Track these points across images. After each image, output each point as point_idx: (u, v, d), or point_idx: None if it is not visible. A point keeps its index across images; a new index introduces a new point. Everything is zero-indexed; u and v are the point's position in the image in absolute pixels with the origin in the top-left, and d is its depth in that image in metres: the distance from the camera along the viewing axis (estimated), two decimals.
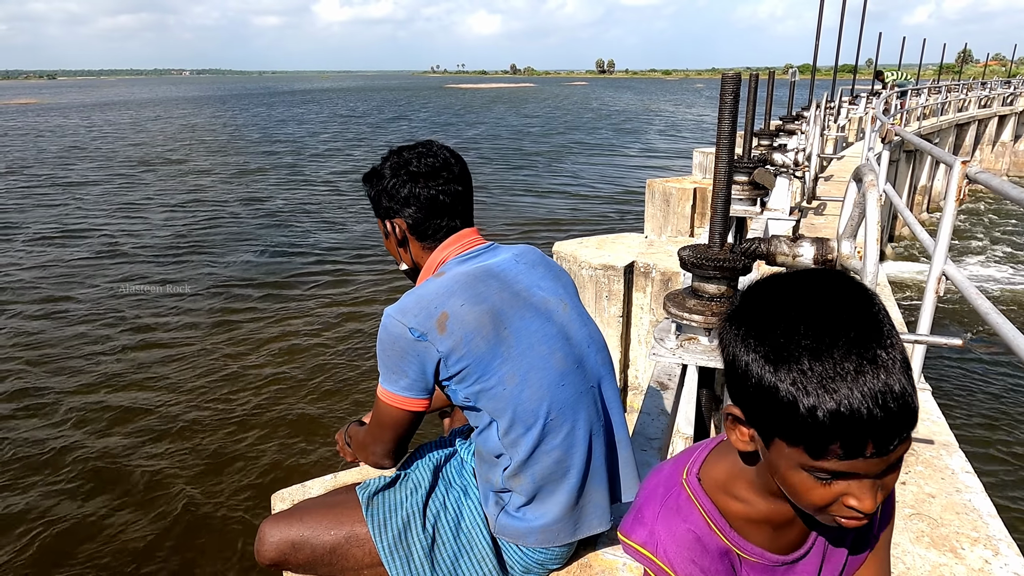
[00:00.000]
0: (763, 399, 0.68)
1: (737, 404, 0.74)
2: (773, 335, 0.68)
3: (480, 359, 1.32)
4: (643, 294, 5.37)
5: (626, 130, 34.85)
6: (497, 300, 1.36)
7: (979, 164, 18.86)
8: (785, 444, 0.69)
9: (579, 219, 13.70)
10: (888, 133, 3.96)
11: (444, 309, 1.32)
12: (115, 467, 5.08)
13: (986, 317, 2.00)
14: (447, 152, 1.49)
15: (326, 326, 7.87)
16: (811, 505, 0.71)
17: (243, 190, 16.83)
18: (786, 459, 0.69)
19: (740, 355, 0.70)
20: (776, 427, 0.68)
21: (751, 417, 0.72)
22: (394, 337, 1.32)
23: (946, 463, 2.14)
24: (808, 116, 8.56)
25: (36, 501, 4.67)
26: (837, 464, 0.66)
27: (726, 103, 1.96)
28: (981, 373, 7.00)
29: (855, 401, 0.62)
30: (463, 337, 1.31)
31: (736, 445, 0.77)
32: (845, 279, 0.71)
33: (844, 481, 0.68)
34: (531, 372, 1.35)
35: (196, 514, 4.56)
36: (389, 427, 1.41)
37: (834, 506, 0.70)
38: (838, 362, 0.64)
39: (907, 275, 10.42)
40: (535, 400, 1.35)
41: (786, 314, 0.68)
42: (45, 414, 5.85)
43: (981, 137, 20.31)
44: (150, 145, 27.56)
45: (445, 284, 1.36)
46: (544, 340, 1.38)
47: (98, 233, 12.21)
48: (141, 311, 8.30)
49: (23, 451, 5.26)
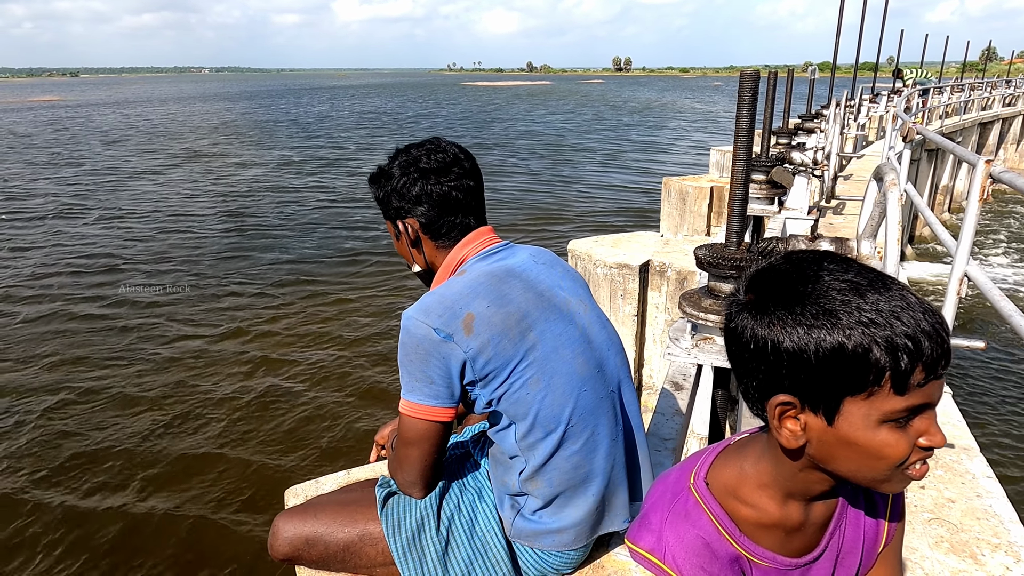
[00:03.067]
0: (828, 365, 0.67)
1: (788, 391, 0.72)
2: (811, 301, 0.68)
3: (507, 362, 1.28)
4: (658, 293, 5.34)
5: (651, 126, 34.70)
6: (522, 301, 1.32)
7: (1003, 163, 18.56)
8: (861, 400, 0.68)
9: (594, 215, 13.66)
10: (910, 131, 3.91)
11: (469, 310, 1.27)
12: (129, 459, 5.15)
13: (1009, 319, 1.96)
14: (456, 148, 1.45)
15: (351, 321, 7.91)
16: (893, 462, 0.71)
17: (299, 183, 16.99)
18: (863, 420, 0.69)
19: (783, 337, 0.69)
20: (849, 386, 0.68)
21: (810, 396, 0.70)
22: (418, 339, 1.26)
23: (967, 467, 2.11)
24: (827, 114, 8.46)
25: (44, 496, 4.74)
26: (917, 396, 0.67)
27: (744, 101, 1.93)
28: (1003, 376, 6.88)
29: (920, 321, 0.66)
30: (490, 339, 1.26)
31: (787, 442, 0.74)
32: (827, 251, 0.75)
33: (918, 419, 0.69)
34: (556, 377, 1.31)
35: (209, 507, 4.61)
36: (415, 444, 1.33)
37: (910, 456, 0.71)
38: (883, 297, 0.67)
39: (928, 276, 10.27)
40: (558, 406, 1.31)
41: (808, 279, 0.70)
42: (66, 405, 5.94)
43: (1005, 136, 19.96)
44: (196, 137, 28.02)
45: (469, 284, 1.32)
46: (568, 344, 1.34)
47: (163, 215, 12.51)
48: (156, 305, 8.41)
49: (35, 446, 5.35)
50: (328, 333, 7.58)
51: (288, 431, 5.57)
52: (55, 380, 6.42)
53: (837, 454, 0.72)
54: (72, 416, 5.78)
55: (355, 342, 7.35)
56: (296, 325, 7.82)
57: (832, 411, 0.70)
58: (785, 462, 0.78)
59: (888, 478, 0.72)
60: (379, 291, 9.05)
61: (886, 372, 0.66)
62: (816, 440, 0.73)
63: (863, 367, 0.66)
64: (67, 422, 5.69)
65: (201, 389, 6.25)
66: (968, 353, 7.16)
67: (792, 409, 0.72)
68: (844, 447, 0.71)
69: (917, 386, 0.66)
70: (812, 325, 0.67)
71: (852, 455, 0.71)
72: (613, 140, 28.75)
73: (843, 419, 0.70)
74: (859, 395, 0.68)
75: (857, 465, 0.72)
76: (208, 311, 8.25)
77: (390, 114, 46.32)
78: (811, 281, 0.70)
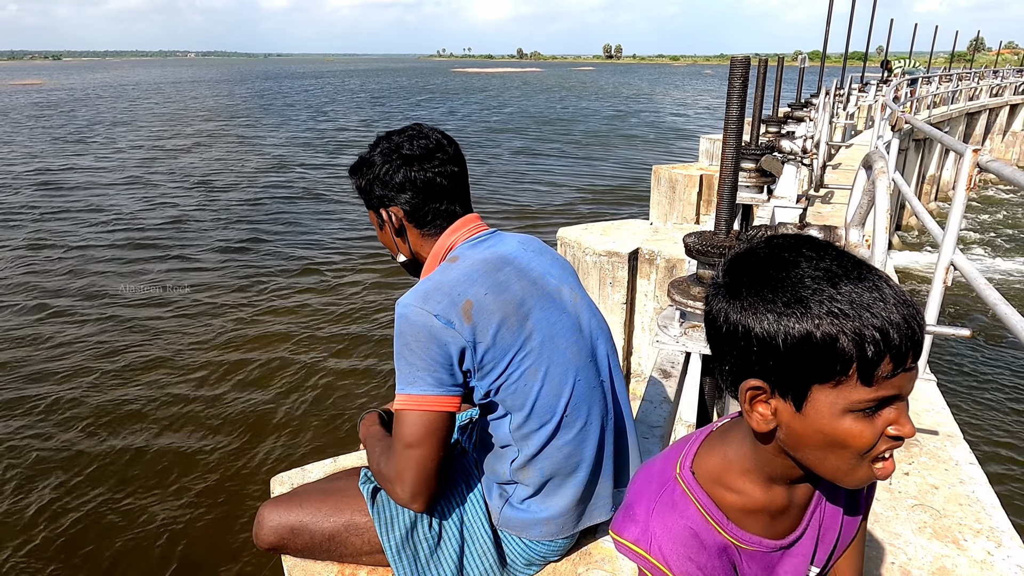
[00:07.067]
0: (796, 353, 0.67)
1: (758, 376, 0.72)
2: (783, 288, 0.68)
3: (506, 351, 1.26)
4: (647, 281, 5.35)
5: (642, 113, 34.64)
6: (518, 289, 1.31)
7: (990, 153, 18.66)
8: (829, 389, 0.68)
9: (585, 204, 13.64)
10: (899, 121, 3.92)
11: (468, 297, 1.25)
12: (113, 451, 5.10)
13: (995, 308, 1.97)
14: (439, 134, 1.42)
15: (338, 311, 7.87)
16: (858, 453, 0.71)
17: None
18: (829, 408, 0.69)
19: (754, 323, 0.69)
20: (816, 374, 0.68)
21: (780, 382, 0.71)
22: (417, 327, 1.22)
23: (950, 454, 2.13)
24: (817, 103, 8.47)
25: (38, 492, 4.70)
26: (885, 388, 0.67)
27: (734, 87, 1.92)
28: (987, 364, 6.97)
29: (892, 313, 0.65)
30: (489, 328, 1.24)
31: (757, 426, 0.75)
32: (809, 236, 0.74)
33: (887, 409, 0.69)
34: (552, 366, 1.30)
35: (194, 496, 4.58)
36: (417, 444, 1.24)
37: (877, 445, 0.70)
38: (856, 286, 0.66)
39: (914, 265, 10.36)
40: (554, 395, 1.31)
41: (784, 265, 0.70)
42: (50, 401, 5.88)
43: (992, 126, 20.10)
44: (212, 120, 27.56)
45: (465, 271, 1.29)
46: (563, 332, 1.33)
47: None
48: (143, 293, 8.33)
49: (24, 441, 5.30)
50: (316, 322, 7.54)
51: (275, 419, 5.54)
52: (29, 375, 6.36)
53: (804, 441, 0.72)
54: (54, 413, 5.73)
55: (343, 331, 7.32)
56: (282, 314, 7.78)
57: (800, 398, 0.70)
58: (760, 447, 0.79)
59: (852, 470, 0.72)
60: (368, 280, 9.01)
61: (852, 363, 0.65)
62: (785, 425, 0.73)
63: (830, 356, 0.66)
64: (48, 419, 5.63)
65: (185, 378, 6.21)
66: (954, 341, 7.24)
67: (762, 394, 0.73)
68: (811, 434, 0.71)
69: (885, 377, 0.66)
70: (782, 313, 0.67)
71: (818, 442, 0.72)
72: (603, 127, 28.69)
73: (811, 406, 0.70)
74: (827, 383, 0.68)
75: (823, 453, 0.72)
76: (194, 301, 8.19)
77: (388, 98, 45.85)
78: (787, 267, 0.69)
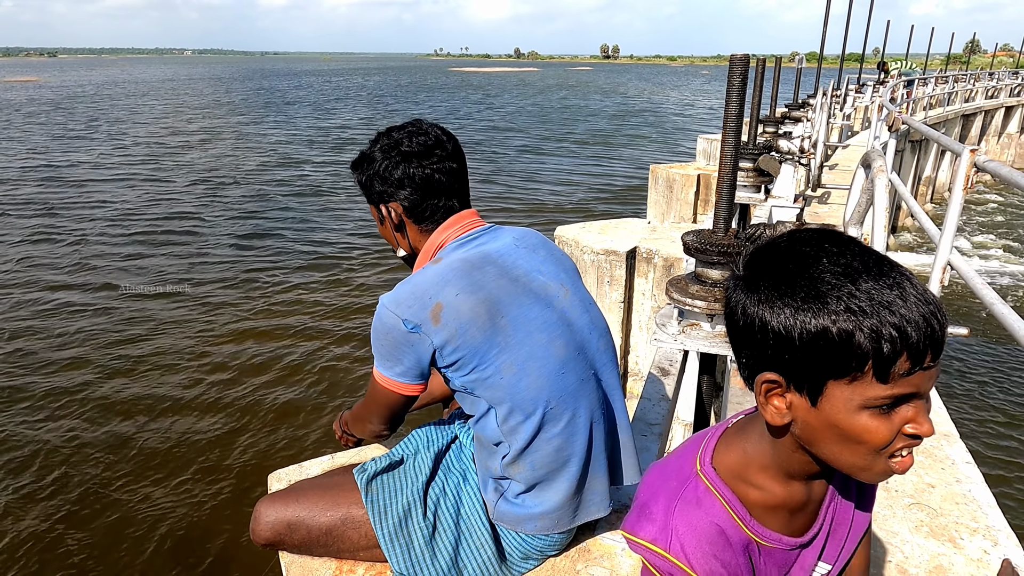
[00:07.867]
0: (811, 348, 0.67)
1: (774, 370, 0.71)
2: (802, 281, 0.67)
3: (476, 350, 1.29)
4: (645, 280, 5.35)
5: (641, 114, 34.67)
6: (494, 288, 1.32)
7: (986, 154, 18.70)
8: (844, 384, 0.67)
9: (583, 203, 13.65)
10: (895, 121, 3.93)
11: (439, 299, 1.28)
12: (109, 446, 5.09)
13: (991, 308, 1.97)
14: (438, 130, 1.44)
15: (338, 307, 7.87)
16: (874, 449, 0.70)
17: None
18: (844, 404, 0.68)
19: (771, 316, 0.68)
20: (831, 370, 0.67)
21: (795, 376, 0.70)
22: (388, 328, 1.31)
23: (947, 453, 2.13)
24: (815, 103, 8.49)
25: (29, 489, 4.69)
26: (902, 385, 0.66)
27: (734, 85, 1.92)
28: (984, 363, 6.99)
29: (911, 310, 0.64)
30: (458, 328, 1.28)
31: (772, 419, 0.74)
32: (832, 231, 0.73)
33: (904, 406, 0.69)
34: (530, 361, 1.32)
35: (192, 493, 4.58)
36: (384, 405, 1.42)
37: (894, 443, 0.70)
38: (876, 283, 0.65)
39: (911, 265, 10.39)
40: (534, 389, 1.32)
41: (804, 260, 0.69)
42: (50, 393, 5.86)
43: (987, 128, 20.17)
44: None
45: (441, 272, 1.32)
46: (544, 328, 1.35)
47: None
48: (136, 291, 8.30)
49: (20, 431, 5.28)
50: (315, 320, 7.53)
51: (273, 416, 5.53)
52: (31, 367, 6.33)
53: (820, 436, 0.72)
54: (53, 404, 5.71)
55: (342, 328, 7.31)
56: (283, 310, 7.77)
57: (816, 392, 0.69)
58: (778, 442, 0.78)
59: (869, 465, 0.72)
60: (370, 275, 9.00)
61: (868, 359, 0.65)
62: (801, 420, 0.73)
63: (845, 352, 0.65)
64: (46, 411, 5.61)
65: (182, 377, 6.19)
66: (951, 340, 7.25)
67: (778, 387, 0.72)
68: (826, 429, 0.71)
69: (902, 375, 0.65)
70: (799, 307, 0.66)
71: (833, 437, 0.71)
72: (601, 127, 28.70)
73: (826, 401, 0.69)
74: (842, 379, 0.67)
75: (839, 448, 0.72)
76: (195, 296, 8.16)
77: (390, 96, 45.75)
78: (807, 262, 0.69)
